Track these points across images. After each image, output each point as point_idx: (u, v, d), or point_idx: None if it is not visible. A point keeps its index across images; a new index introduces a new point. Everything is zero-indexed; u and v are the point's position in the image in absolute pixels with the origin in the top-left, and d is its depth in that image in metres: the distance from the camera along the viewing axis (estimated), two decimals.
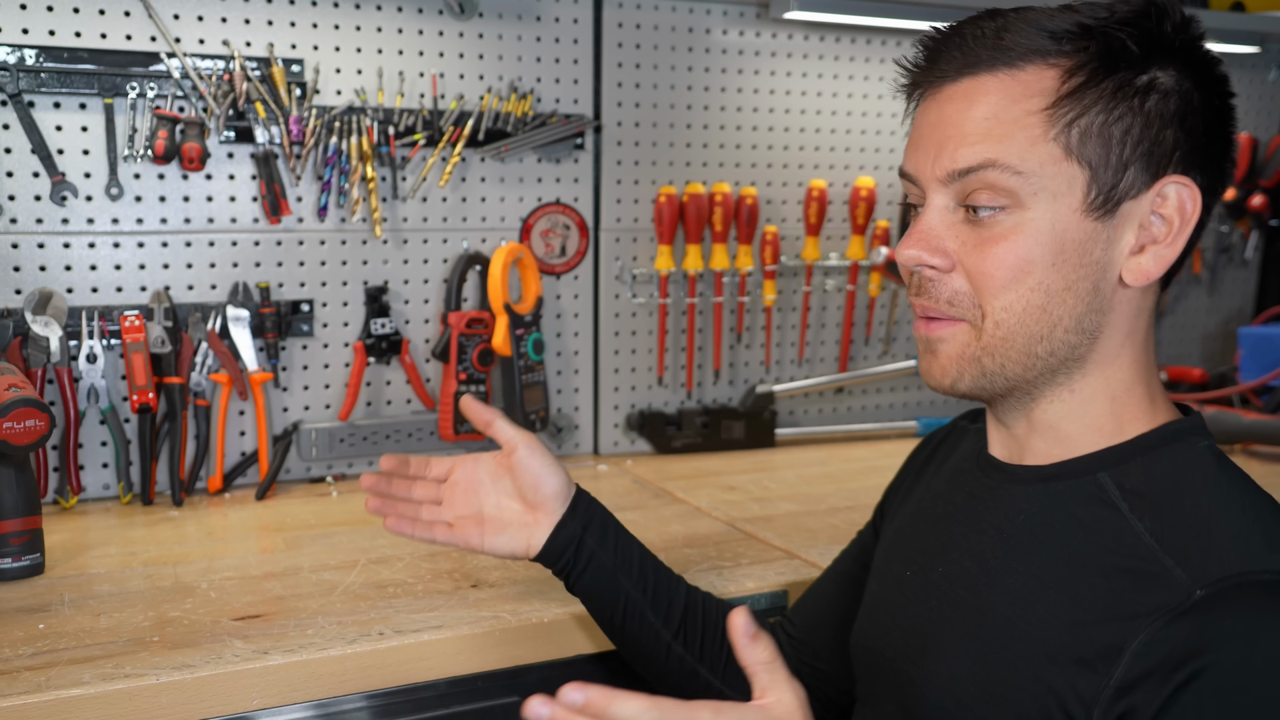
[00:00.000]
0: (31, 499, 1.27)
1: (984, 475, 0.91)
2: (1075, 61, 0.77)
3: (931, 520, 0.95)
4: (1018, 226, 0.78)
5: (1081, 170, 0.78)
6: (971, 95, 0.79)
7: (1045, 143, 0.77)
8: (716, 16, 1.89)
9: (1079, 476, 0.83)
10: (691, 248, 1.88)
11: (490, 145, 1.74)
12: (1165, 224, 0.80)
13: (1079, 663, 0.74)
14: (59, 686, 0.97)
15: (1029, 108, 0.78)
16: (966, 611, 0.85)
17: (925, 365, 0.86)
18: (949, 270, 0.81)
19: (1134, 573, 0.75)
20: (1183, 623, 0.70)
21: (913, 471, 1.07)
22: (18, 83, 1.46)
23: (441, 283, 1.76)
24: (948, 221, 0.82)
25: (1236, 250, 2.44)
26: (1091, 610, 0.75)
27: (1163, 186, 0.79)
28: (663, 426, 1.91)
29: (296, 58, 1.62)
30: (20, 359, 1.48)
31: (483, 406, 1.06)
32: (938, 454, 1.04)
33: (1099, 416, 0.83)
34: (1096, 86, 0.77)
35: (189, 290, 1.61)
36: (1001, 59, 0.78)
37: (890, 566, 0.97)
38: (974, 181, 0.79)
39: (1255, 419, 1.85)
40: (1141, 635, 0.71)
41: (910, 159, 0.84)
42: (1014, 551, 0.83)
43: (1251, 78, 2.39)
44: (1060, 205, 0.78)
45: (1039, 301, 0.79)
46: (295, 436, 1.69)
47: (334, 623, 1.13)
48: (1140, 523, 0.77)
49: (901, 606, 0.92)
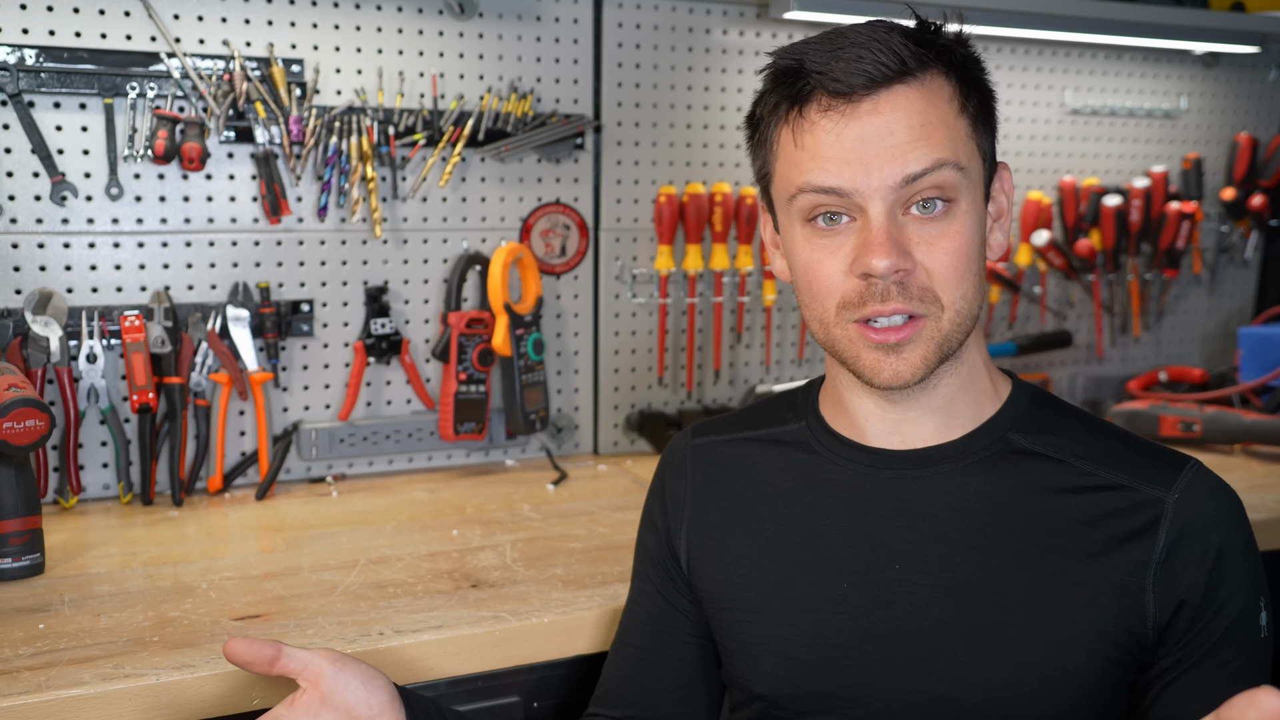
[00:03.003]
0: (31, 499, 1.27)
1: (882, 468, 0.93)
2: (945, 67, 0.86)
3: (833, 529, 0.93)
4: (959, 219, 0.86)
5: (981, 162, 0.89)
6: (898, 106, 0.84)
7: (969, 140, 0.87)
8: (716, 16, 1.89)
9: (995, 441, 0.92)
10: (691, 248, 1.88)
11: (490, 145, 1.74)
12: (997, 204, 0.93)
13: (1117, 587, 0.85)
14: (59, 686, 0.97)
15: (949, 111, 0.85)
16: (974, 589, 0.87)
17: (892, 369, 0.87)
18: (912, 269, 0.85)
19: (1106, 499, 0.87)
20: (1180, 523, 0.85)
21: (684, 504, 1.03)
22: (18, 83, 1.46)
23: (441, 283, 1.76)
24: (897, 225, 0.85)
25: (1236, 250, 2.44)
26: (1097, 540, 0.86)
27: (998, 170, 0.92)
28: (663, 426, 1.91)
29: (296, 58, 1.62)
30: (20, 359, 1.48)
31: (251, 646, 0.83)
32: (705, 478, 1.02)
33: (980, 382, 0.94)
34: (974, 89, 0.88)
35: (189, 290, 1.61)
36: (908, 71, 0.84)
37: (797, 592, 0.94)
38: (924, 183, 0.84)
39: (1255, 419, 1.85)
40: (1157, 545, 0.85)
41: (839, 173, 0.84)
42: (987, 521, 0.88)
43: (1251, 78, 2.39)
44: (976, 196, 0.88)
45: (977, 285, 0.88)
46: (295, 436, 1.69)
47: (334, 623, 1.13)
48: (1078, 462, 0.89)
49: (862, 618, 0.91)
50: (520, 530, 1.47)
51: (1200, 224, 2.34)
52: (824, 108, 0.85)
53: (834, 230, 0.86)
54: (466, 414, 1.73)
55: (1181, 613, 0.85)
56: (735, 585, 0.98)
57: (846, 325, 0.87)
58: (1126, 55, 2.25)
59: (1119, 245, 2.26)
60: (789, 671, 0.94)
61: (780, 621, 0.95)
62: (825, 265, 0.87)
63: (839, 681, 0.92)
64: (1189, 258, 2.37)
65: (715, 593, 1.00)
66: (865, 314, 0.86)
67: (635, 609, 1.08)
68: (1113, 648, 0.85)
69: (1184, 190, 2.35)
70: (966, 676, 0.87)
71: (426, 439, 1.77)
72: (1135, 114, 2.28)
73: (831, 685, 0.92)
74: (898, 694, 0.90)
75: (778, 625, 0.95)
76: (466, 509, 1.57)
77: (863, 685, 0.91)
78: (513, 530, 1.47)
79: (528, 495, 1.65)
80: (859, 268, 0.84)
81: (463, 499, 1.62)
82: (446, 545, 1.40)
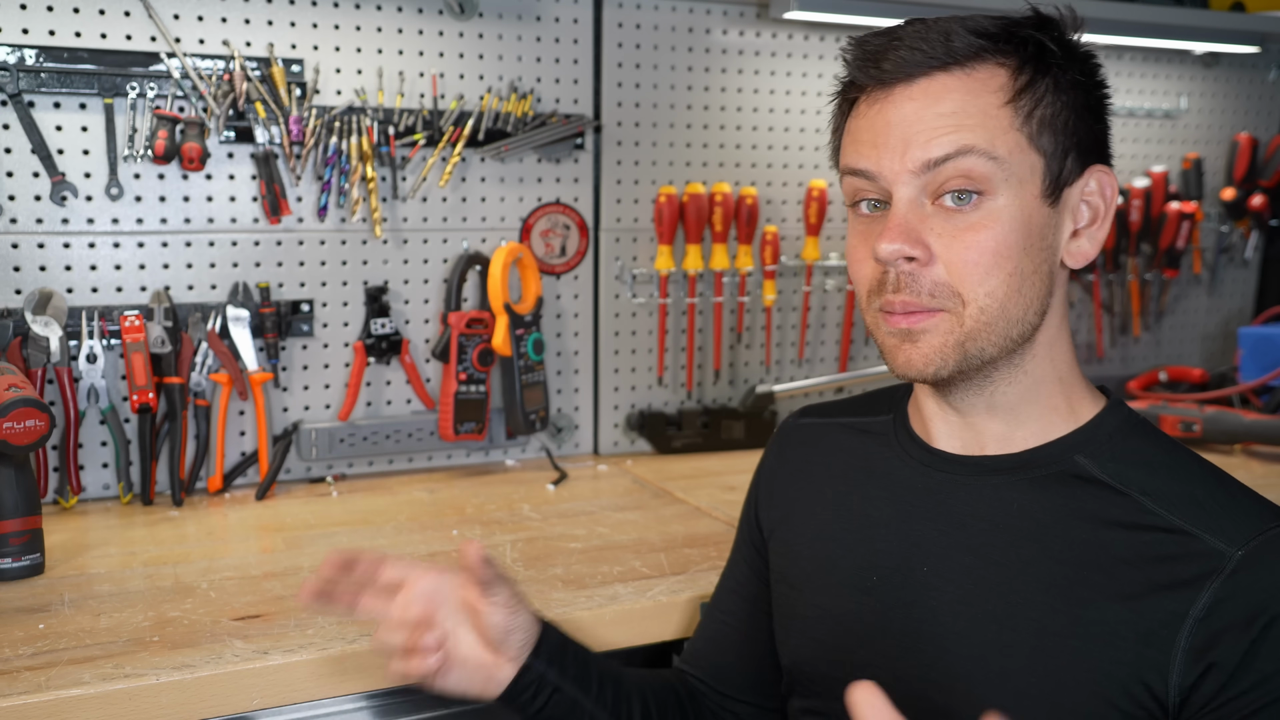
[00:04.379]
0: (31, 499, 1.27)
1: (938, 470, 0.92)
2: (1017, 60, 0.83)
3: (878, 522, 0.94)
4: (992, 213, 0.82)
5: (1039, 158, 0.83)
6: (932, 92, 0.82)
7: (1012, 132, 0.82)
8: (716, 16, 1.89)
9: (1057, 460, 0.87)
10: (691, 248, 1.88)
11: (490, 145, 1.74)
12: (1091, 209, 0.87)
13: (1142, 635, 0.78)
14: (59, 686, 0.97)
15: (992, 101, 0.82)
16: (992, 605, 0.85)
17: (905, 356, 0.86)
18: (928, 263, 0.83)
19: (1159, 542, 0.80)
20: (1235, 582, 0.76)
21: (778, 479, 1.06)
22: (18, 83, 1.46)
23: (441, 283, 1.76)
24: (919, 214, 0.83)
25: (1236, 250, 2.44)
26: (1134, 583, 0.80)
27: (1090, 174, 0.87)
28: (663, 426, 1.91)
29: (296, 58, 1.62)
30: (20, 359, 1.48)
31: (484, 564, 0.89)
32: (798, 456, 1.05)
33: (1051, 397, 0.89)
34: (1041, 82, 0.83)
35: (189, 290, 1.61)
36: (953, 60, 0.82)
37: (834, 576, 0.95)
38: (949, 170, 0.82)
39: (1255, 419, 1.85)
40: (1201, 600, 0.77)
41: (867, 156, 0.85)
42: (1021, 540, 0.85)
43: (1251, 78, 2.39)
44: (1025, 192, 0.83)
45: (1016, 285, 0.83)
46: (295, 436, 1.69)
47: (334, 623, 1.13)
48: (1142, 497, 0.83)
49: (883, 614, 0.91)
50: (520, 530, 1.47)
51: (1200, 224, 2.34)
52: (868, 95, 0.86)
53: (872, 216, 0.87)
54: (466, 414, 1.73)
55: (1209, 676, 0.76)
56: (787, 560, 1.01)
57: (874, 311, 0.87)
58: (1126, 55, 2.25)
59: (1119, 245, 2.26)
60: (809, 652, 0.97)
61: (812, 603, 0.97)
62: (859, 250, 0.88)
63: (851, 671, 0.92)
64: (1189, 258, 2.37)
65: (774, 565, 1.04)
66: (882, 301, 0.85)
67: (726, 574, 1.13)
68: (1122, 697, 0.78)
69: (1184, 190, 2.35)
70: (962, 692, 0.86)
71: (426, 439, 1.77)
72: (1135, 114, 2.28)
73: (844, 672, 0.93)
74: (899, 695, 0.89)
75: (810, 606, 0.97)
76: (466, 509, 1.57)
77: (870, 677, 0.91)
78: (513, 530, 1.47)
79: (528, 495, 1.65)
80: (873, 252, 0.84)
81: (463, 499, 1.62)
82: (446, 545, 1.40)
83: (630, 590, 1.24)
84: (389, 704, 1.12)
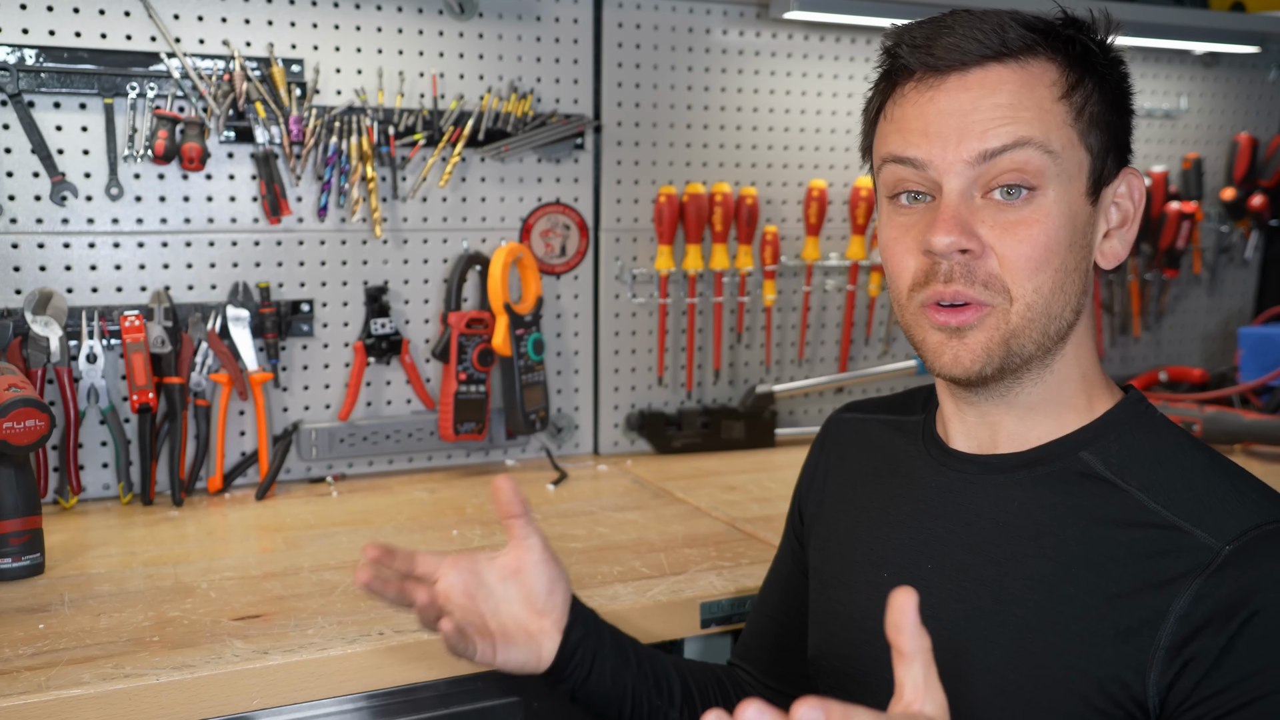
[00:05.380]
0: (31, 499, 1.27)
1: (950, 469, 0.92)
2: (1067, 57, 0.83)
3: (895, 520, 0.95)
4: (1044, 209, 0.81)
5: (1087, 156, 0.83)
6: (988, 83, 0.81)
7: (1065, 127, 0.82)
8: (716, 16, 1.89)
9: (1062, 458, 0.86)
10: (691, 248, 1.88)
11: (490, 145, 1.74)
12: (1121, 211, 0.87)
13: (1122, 632, 0.77)
14: (59, 686, 0.97)
15: (1047, 95, 0.82)
16: (983, 602, 0.85)
17: (952, 353, 0.84)
18: (981, 254, 0.81)
19: (1151, 539, 0.79)
20: (1221, 577, 0.75)
21: (819, 472, 1.08)
22: (18, 83, 1.46)
23: (441, 283, 1.76)
24: (971, 206, 0.82)
25: (1236, 250, 2.44)
26: (1122, 580, 0.79)
27: (1123, 176, 0.87)
28: (663, 426, 1.91)
29: (296, 58, 1.62)
30: (20, 359, 1.48)
31: (514, 491, 0.94)
32: (838, 451, 1.06)
33: (1073, 395, 0.88)
34: (1089, 80, 0.84)
35: (189, 290, 1.61)
36: (1007, 51, 0.82)
37: (852, 572, 0.97)
38: (1004, 162, 0.80)
39: (1255, 419, 1.84)
40: (1183, 596, 0.75)
41: (917, 145, 0.83)
42: (1019, 538, 0.85)
43: (1251, 78, 2.39)
44: (1072, 189, 0.83)
45: (1060, 282, 0.82)
46: (295, 436, 1.69)
47: (334, 623, 1.13)
48: (1140, 493, 0.82)
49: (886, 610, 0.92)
50: None
51: (1200, 224, 2.34)
52: (916, 81, 0.84)
53: (914, 209, 0.85)
54: (466, 414, 1.73)
55: (1187, 672, 0.74)
56: (821, 555, 1.02)
57: (915, 307, 0.85)
58: (1126, 55, 2.24)
59: None
60: (826, 645, 0.98)
61: (833, 596, 0.99)
62: (900, 243, 0.86)
63: (859, 664, 0.94)
64: (1189, 258, 2.37)
65: (810, 559, 1.05)
66: (929, 294, 0.83)
67: (773, 568, 1.14)
68: (1098, 695, 0.77)
69: (1184, 190, 2.35)
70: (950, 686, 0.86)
71: (426, 439, 1.77)
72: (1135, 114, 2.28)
73: (853, 666, 0.95)
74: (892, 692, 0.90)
75: (831, 599, 0.99)
76: (466, 509, 1.57)
77: (874, 673, 0.92)
78: None
79: (528, 495, 1.63)
80: (924, 244, 0.82)
81: (463, 499, 1.62)
82: (446, 545, 1.40)
83: (630, 590, 1.24)
84: (389, 704, 1.12)
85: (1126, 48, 2.21)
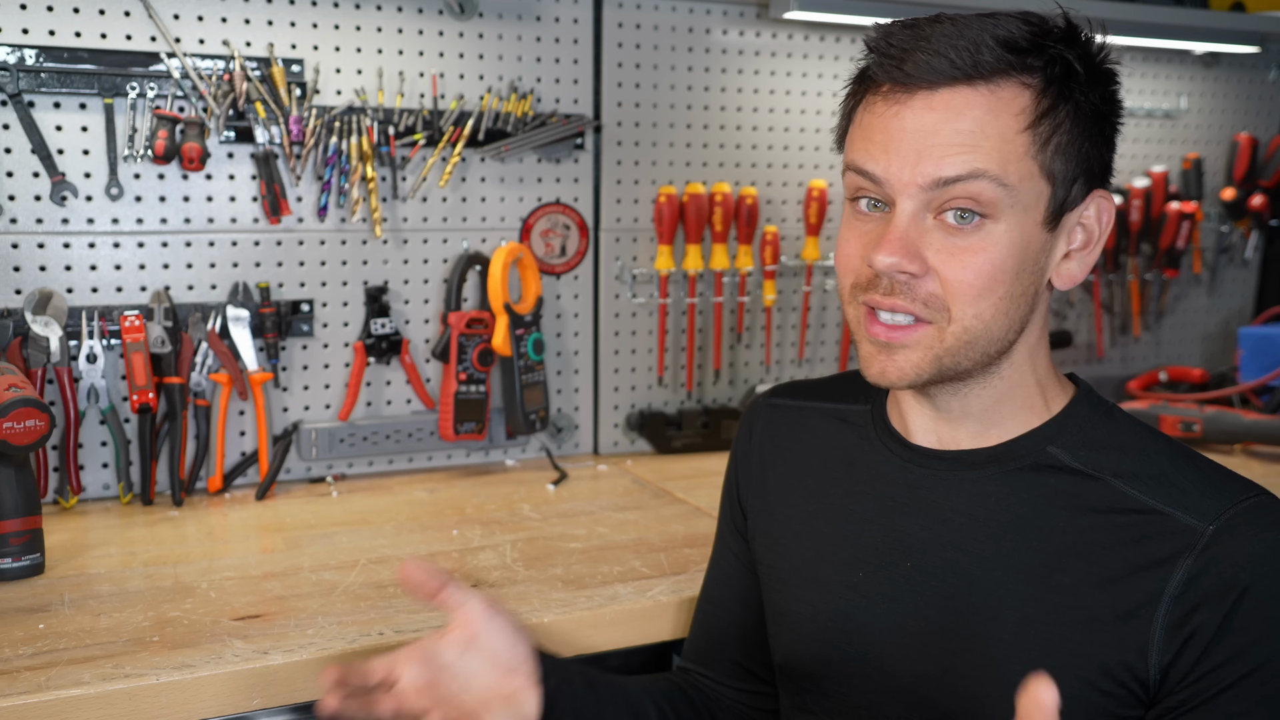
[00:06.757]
0: (31, 499, 1.27)
1: (917, 465, 0.92)
2: (1041, 82, 0.82)
3: (862, 517, 0.94)
4: (992, 237, 0.81)
5: (1047, 185, 0.83)
6: (953, 106, 0.81)
7: (1025, 160, 0.81)
8: (716, 16, 1.89)
9: (1030, 453, 0.88)
10: (691, 248, 1.88)
11: (490, 145, 1.74)
12: (1086, 233, 0.87)
13: (1120, 616, 0.80)
14: (59, 686, 0.97)
15: (1013, 125, 0.81)
16: (976, 598, 0.86)
17: (879, 366, 0.86)
18: (923, 275, 0.83)
19: (1135, 524, 0.82)
20: (1209, 555, 0.78)
21: (754, 462, 1.06)
22: (18, 83, 1.46)
23: (441, 283, 1.76)
24: (920, 228, 0.82)
25: (1236, 250, 2.44)
26: (1112, 566, 0.81)
27: (1092, 199, 0.86)
28: (663, 426, 1.91)
29: (296, 58, 1.62)
30: (20, 359, 1.48)
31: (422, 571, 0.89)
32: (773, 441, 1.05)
33: (1029, 396, 0.90)
34: (1063, 107, 0.82)
35: (189, 290, 1.61)
36: (979, 74, 0.81)
37: (819, 571, 0.96)
38: (957, 190, 0.80)
39: (1255, 419, 1.85)
40: (1175, 577, 0.79)
41: (877, 159, 0.83)
42: (1003, 533, 0.86)
43: (1251, 78, 2.39)
44: (1027, 219, 0.83)
45: (1004, 309, 0.84)
46: (295, 436, 1.69)
47: (334, 623, 1.13)
48: (1115, 481, 0.84)
49: (869, 609, 0.92)
50: (520, 530, 1.47)
51: (1200, 224, 2.34)
52: (885, 94, 0.84)
53: (871, 216, 0.86)
54: (466, 414, 1.73)
55: (1186, 651, 0.78)
56: (775, 553, 1.01)
57: (858, 304, 0.87)
58: (1126, 55, 2.24)
59: (1119, 245, 2.26)
60: (799, 649, 0.97)
61: (801, 598, 0.98)
62: (852, 245, 0.87)
63: (840, 666, 0.93)
64: (1189, 258, 2.37)
65: (760, 556, 1.04)
66: (869, 298, 0.85)
67: (712, 564, 1.13)
68: (1103, 678, 0.80)
69: (1184, 190, 2.35)
70: (950, 684, 0.86)
71: (426, 439, 1.77)
72: (1135, 114, 2.28)
73: (833, 668, 0.94)
74: (887, 689, 0.91)
75: (798, 600, 0.98)
76: (466, 509, 1.57)
77: (857, 673, 0.92)
78: (513, 530, 1.47)
79: (528, 495, 1.65)
80: (868, 259, 0.83)
81: (463, 499, 1.62)
82: (446, 545, 1.40)
83: (630, 590, 1.25)
84: None
85: (1126, 48, 2.21)
